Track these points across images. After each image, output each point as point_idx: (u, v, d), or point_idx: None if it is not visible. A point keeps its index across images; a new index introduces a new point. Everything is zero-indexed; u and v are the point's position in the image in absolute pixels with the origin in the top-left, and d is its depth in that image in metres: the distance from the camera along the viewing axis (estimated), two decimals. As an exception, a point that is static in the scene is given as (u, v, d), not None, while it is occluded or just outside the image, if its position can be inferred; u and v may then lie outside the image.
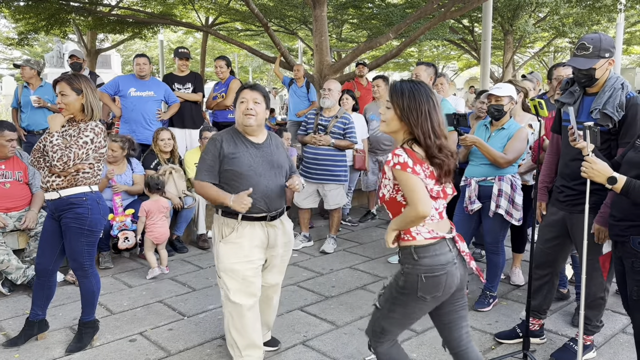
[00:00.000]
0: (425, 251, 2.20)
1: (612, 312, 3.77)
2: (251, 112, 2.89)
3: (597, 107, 2.86)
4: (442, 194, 2.28)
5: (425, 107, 2.20)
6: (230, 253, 2.89)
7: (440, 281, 2.19)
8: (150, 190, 4.84)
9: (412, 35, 9.42)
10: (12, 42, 14.87)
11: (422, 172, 2.18)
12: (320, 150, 5.25)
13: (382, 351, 2.38)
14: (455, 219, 4.04)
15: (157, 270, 4.64)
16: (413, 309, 2.26)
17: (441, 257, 2.20)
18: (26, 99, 6.32)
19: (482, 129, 3.99)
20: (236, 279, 2.89)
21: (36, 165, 3.20)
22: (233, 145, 2.92)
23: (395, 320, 2.31)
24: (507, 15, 15.91)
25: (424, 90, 2.24)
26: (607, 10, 13.28)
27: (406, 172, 2.15)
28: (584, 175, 2.48)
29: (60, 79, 3.17)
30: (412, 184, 2.15)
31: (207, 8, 14.81)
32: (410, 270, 2.21)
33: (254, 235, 2.93)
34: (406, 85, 2.25)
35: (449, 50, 25.65)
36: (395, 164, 2.17)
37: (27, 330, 3.36)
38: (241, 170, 2.88)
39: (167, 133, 5.45)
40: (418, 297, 2.21)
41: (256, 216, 2.92)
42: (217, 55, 8.74)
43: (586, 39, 2.87)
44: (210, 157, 2.91)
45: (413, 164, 2.16)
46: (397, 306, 2.28)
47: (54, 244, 3.27)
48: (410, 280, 2.21)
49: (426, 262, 2.19)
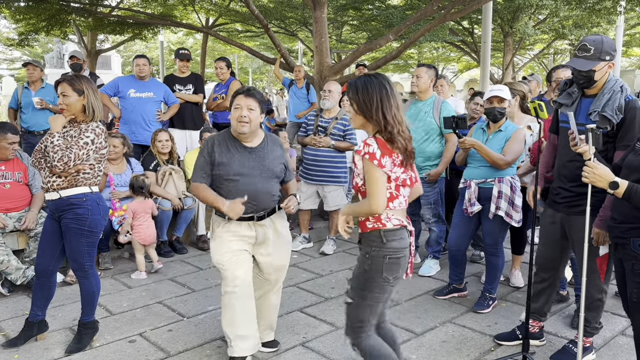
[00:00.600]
0: (392, 235, 2.38)
1: (612, 314, 3.78)
2: (245, 119, 2.91)
3: (596, 110, 2.86)
4: (409, 181, 2.45)
5: (377, 97, 2.33)
6: (216, 247, 3.03)
7: (400, 263, 2.41)
8: (134, 192, 4.83)
9: (412, 37, 9.44)
10: (13, 43, 14.87)
11: (391, 162, 2.31)
12: (320, 151, 5.26)
13: (366, 346, 2.47)
14: (455, 220, 4.04)
15: (143, 274, 4.66)
16: (380, 291, 2.42)
17: (403, 242, 2.41)
18: (27, 100, 6.31)
19: (479, 132, 4.00)
20: (222, 270, 2.99)
21: (37, 165, 3.20)
22: (225, 149, 2.97)
23: (368, 307, 2.44)
24: (507, 17, 15.93)
25: (376, 82, 2.36)
26: (607, 12, 13.29)
27: (372, 163, 2.28)
28: (585, 180, 2.48)
29: (62, 79, 3.18)
30: (374, 177, 2.29)
31: (208, 9, 14.82)
32: (377, 253, 2.38)
33: (240, 231, 3.02)
34: (359, 81, 2.39)
35: (448, 52, 25.69)
36: (365, 154, 2.30)
37: (27, 331, 3.36)
38: (229, 175, 2.95)
39: (165, 134, 5.44)
40: (382, 278, 2.38)
41: (243, 216, 2.97)
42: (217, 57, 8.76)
43: (588, 40, 2.86)
44: (202, 159, 2.99)
45: (381, 155, 2.29)
46: (366, 292, 2.42)
47: (54, 245, 3.27)
48: (376, 263, 2.38)
49: (392, 245, 2.37)
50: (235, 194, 2.92)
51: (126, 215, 4.77)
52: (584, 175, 2.47)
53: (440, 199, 4.71)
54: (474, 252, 5.08)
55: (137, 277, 4.62)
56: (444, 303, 4.04)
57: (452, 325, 3.66)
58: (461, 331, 3.57)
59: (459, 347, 3.34)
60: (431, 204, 4.67)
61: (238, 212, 2.87)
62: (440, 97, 4.71)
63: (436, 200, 4.67)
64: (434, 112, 4.55)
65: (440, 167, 4.56)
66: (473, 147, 3.81)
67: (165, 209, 5.15)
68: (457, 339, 3.46)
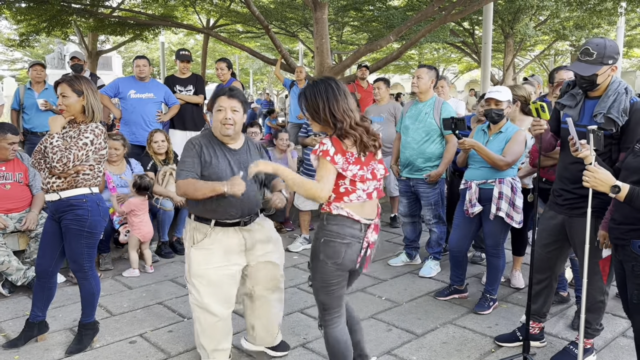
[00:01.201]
0: (333, 219, 2.47)
1: (612, 316, 3.77)
2: (229, 121, 2.84)
3: (601, 111, 2.85)
4: (370, 175, 2.50)
5: (323, 99, 2.43)
6: (201, 259, 2.87)
7: (339, 249, 2.45)
8: (138, 192, 4.81)
9: (412, 37, 9.45)
10: (14, 44, 14.90)
11: (344, 160, 2.41)
12: None
13: (331, 333, 2.57)
14: (456, 221, 4.04)
15: (136, 272, 4.67)
16: (324, 274, 2.49)
17: (346, 229, 2.46)
18: (30, 101, 6.29)
19: (480, 134, 4.00)
20: (207, 285, 2.87)
21: (37, 166, 3.20)
22: (212, 151, 2.89)
23: (322, 289, 2.53)
24: (508, 19, 15.94)
25: (322, 85, 2.46)
26: (608, 13, 13.29)
27: (325, 159, 2.39)
28: (586, 184, 2.47)
29: (61, 80, 3.18)
30: (325, 169, 2.40)
31: (208, 10, 14.83)
32: (317, 235, 2.51)
33: (228, 240, 2.91)
34: (306, 90, 2.50)
35: (449, 53, 25.69)
36: (320, 152, 2.41)
37: (27, 332, 3.36)
38: (219, 177, 2.83)
39: (161, 135, 5.43)
40: (321, 260, 2.47)
41: (229, 222, 2.90)
42: (217, 57, 8.75)
43: (591, 44, 2.83)
44: (190, 159, 2.85)
45: (334, 152, 2.40)
46: (316, 274, 2.53)
47: (54, 246, 3.27)
48: (315, 245, 2.51)
49: (332, 228, 2.46)
50: (223, 199, 2.79)
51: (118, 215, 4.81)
52: (585, 180, 2.46)
53: (441, 199, 4.71)
54: (474, 253, 5.08)
55: (130, 275, 4.64)
56: (444, 304, 4.04)
57: (453, 327, 3.65)
58: (462, 332, 3.57)
59: (460, 349, 3.34)
60: (432, 205, 4.67)
61: (241, 188, 2.68)
62: (440, 98, 4.71)
63: (437, 201, 4.67)
64: (435, 113, 4.55)
65: (441, 168, 4.56)
66: (473, 148, 3.81)
67: (167, 209, 5.15)
68: (457, 340, 3.46)
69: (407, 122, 4.70)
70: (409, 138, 4.66)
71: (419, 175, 4.62)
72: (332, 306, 2.57)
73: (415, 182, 4.68)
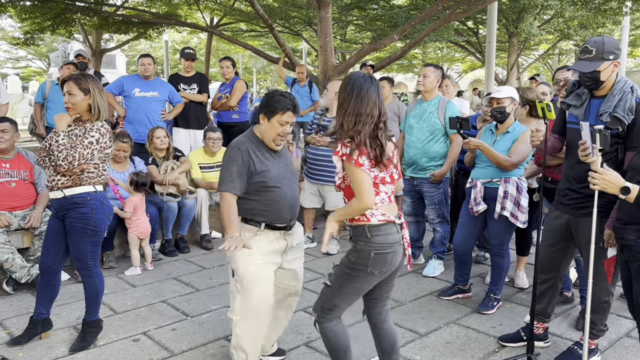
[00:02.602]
0: (377, 230, 2.42)
1: (617, 316, 3.75)
2: (285, 137, 2.79)
3: (607, 110, 2.84)
4: (389, 179, 2.49)
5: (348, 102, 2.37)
6: (249, 260, 2.76)
7: (387, 258, 2.44)
8: (136, 189, 4.84)
9: (416, 37, 9.43)
10: (18, 42, 14.95)
11: (368, 162, 2.36)
12: (320, 150, 5.24)
13: (329, 328, 2.57)
14: (461, 220, 4.03)
15: (138, 269, 4.68)
16: (362, 284, 2.48)
17: (390, 237, 2.44)
18: (55, 96, 6.25)
19: (488, 134, 3.99)
20: (258, 284, 2.78)
21: (42, 164, 3.21)
22: (261, 157, 2.77)
23: (345, 296, 2.52)
24: (512, 18, 15.90)
25: (350, 85, 2.40)
26: (613, 13, 13.25)
27: (350, 164, 2.34)
28: (594, 187, 2.45)
29: (68, 78, 3.18)
30: (357, 176, 2.35)
31: (212, 8, 14.85)
32: (363, 247, 2.43)
33: (273, 242, 2.84)
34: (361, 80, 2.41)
35: (453, 52, 25.66)
36: (342, 155, 2.36)
37: (31, 329, 3.37)
38: (271, 182, 2.76)
39: (162, 131, 5.46)
40: (367, 272, 2.44)
41: (279, 226, 2.84)
42: (221, 56, 8.76)
43: (589, 42, 2.86)
44: (236, 167, 2.71)
45: (358, 155, 2.33)
46: (348, 282, 2.49)
47: (58, 243, 3.28)
48: (362, 257, 2.43)
49: (377, 239, 2.41)
50: (278, 203, 2.77)
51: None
52: (593, 182, 2.44)
53: (445, 199, 4.71)
54: (478, 253, 5.07)
55: (132, 274, 4.65)
56: (448, 304, 4.03)
57: (456, 326, 3.65)
58: (465, 332, 3.56)
59: (463, 348, 3.33)
60: (435, 205, 4.66)
61: (236, 249, 2.65)
62: (445, 97, 4.70)
63: (440, 200, 4.66)
64: (439, 112, 4.54)
65: (445, 167, 4.55)
66: (478, 148, 3.80)
67: (174, 201, 5.22)
68: (461, 339, 3.45)
69: (412, 121, 4.69)
70: (413, 137, 4.65)
71: (423, 174, 4.61)
72: (342, 308, 2.56)
73: (419, 182, 4.67)
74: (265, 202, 2.77)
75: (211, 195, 5.76)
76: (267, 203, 2.77)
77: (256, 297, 2.79)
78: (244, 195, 2.76)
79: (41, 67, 33.72)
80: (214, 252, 5.36)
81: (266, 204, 2.77)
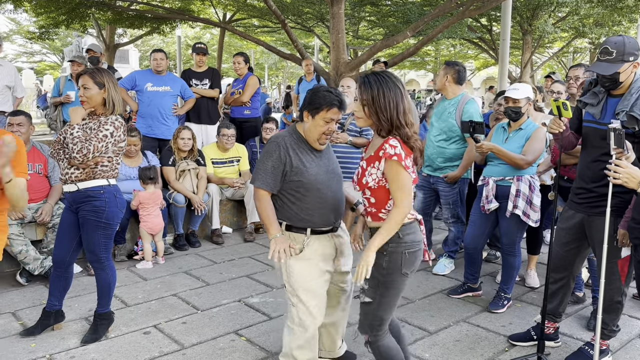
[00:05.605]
0: (408, 229, 2.34)
1: (629, 317, 3.72)
2: (330, 135, 2.63)
3: (624, 109, 2.81)
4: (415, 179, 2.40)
5: (393, 98, 2.27)
6: (305, 271, 2.64)
7: (418, 256, 2.38)
8: (144, 182, 4.89)
9: (429, 33, 9.37)
10: (33, 36, 15.07)
11: (412, 164, 2.31)
12: (337, 147, 5.24)
13: (384, 345, 2.45)
14: (472, 218, 4.01)
15: (149, 263, 4.72)
16: (399, 287, 2.38)
17: (417, 234, 2.38)
18: (69, 92, 6.35)
19: (500, 131, 3.96)
20: (315, 297, 2.67)
21: (56, 156, 3.24)
22: (300, 154, 2.61)
23: (389, 305, 2.40)
24: (526, 15, 15.74)
25: (391, 82, 2.30)
26: (629, 10, 13.08)
27: (401, 165, 2.23)
28: (615, 181, 2.42)
29: (83, 72, 3.20)
30: (403, 180, 2.25)
31: (225, 4, 14.87)
32: (395, 249, 2.32)
33: (324, 250, 2.71)
34: (373, 79, 2.31)
35: (466, 49, 25.46)
36: (392, 155, 2.23)
37: (44, 320, 3.41)
38: (309, 181, 2.59)
39: (188, 132, 5.41)
40: (402, 273, 2.34)
41: (325, 229, 2.70)
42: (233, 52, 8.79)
43: (609, 42, 2.79)
44: (272, 163, 2.57)
45: (405, 156, 2.26)
46: (387, 290, 2.37)
47: (71, 236, 3.31)
48: (394, 259, 2.32)
49: (409, 238, 2.34)
50: (321, 204, 2.62)
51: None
52: (614, 176, 2.41)
53: (460, 199, 4.64)
54: (489, 251, 5.04)
55: (143, 267, 4.69)
56: (457, 302, 4.02)
57: (466, 325, 3.64)
58: (475, 330, 3.55)
59: (473, 347, 3.32)
60: (450, 204, 4.61)
61: (283, 253, 2.55)
62: (467, 96, 4.48)
63: (455, 200, 4.60)
64: (457, 113, 4.43)
65: (459, 170, 4.43)
66: (491, 150, 3.77)
67: (179, 206, 5.19)
68: (470, 338, 3.44)
69: (433, 119, 4.63)
70: (431, 136, 4.58)
71: (439, 173, 4.56)
72: (389, 320, 2.44)
73: (435, 180, 4.61)
74: (311, 205, 2.61)
75: (222, 190, 5.79)
76: (313, 206, 2.62)
77: (312, 312, 2.66)
78: (283, 198, 2.63)
79: (55, 62, 34.01)
80: (224, 247, 5.39)
81: (312, 208, 2.62)
